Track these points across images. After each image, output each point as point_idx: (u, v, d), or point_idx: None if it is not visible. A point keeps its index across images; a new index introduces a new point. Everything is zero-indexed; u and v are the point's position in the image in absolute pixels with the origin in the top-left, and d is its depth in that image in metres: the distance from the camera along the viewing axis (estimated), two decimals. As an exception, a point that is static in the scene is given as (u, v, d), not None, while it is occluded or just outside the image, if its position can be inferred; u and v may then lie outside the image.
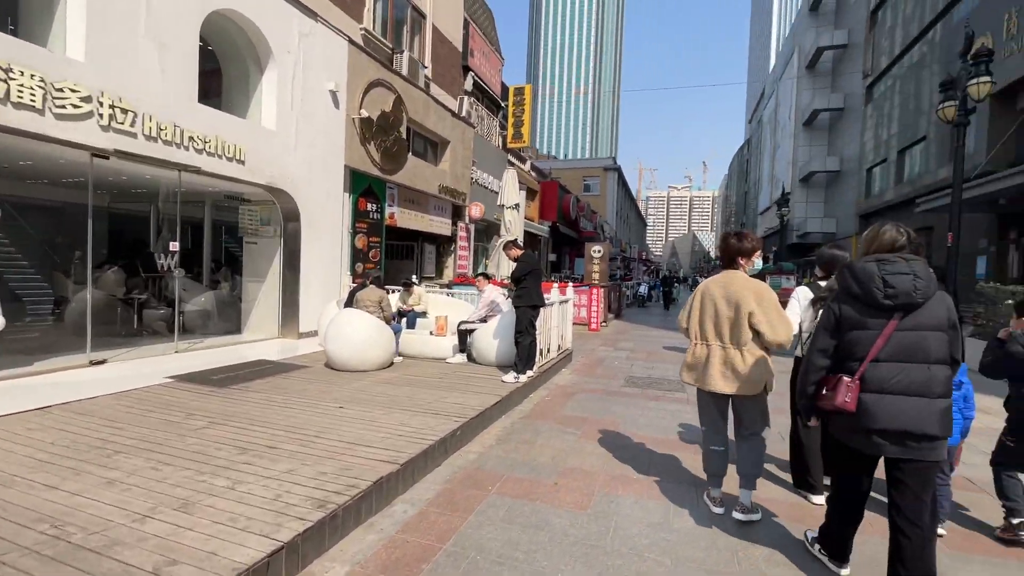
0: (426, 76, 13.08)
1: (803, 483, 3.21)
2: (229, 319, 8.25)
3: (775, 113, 49.06)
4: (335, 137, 8.72)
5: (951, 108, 9.21)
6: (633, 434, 4.39)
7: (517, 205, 7.26)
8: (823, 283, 3.12)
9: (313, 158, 8.18)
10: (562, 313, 7.54)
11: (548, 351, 6.81)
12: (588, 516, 2.86)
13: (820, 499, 3.09)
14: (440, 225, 12.86)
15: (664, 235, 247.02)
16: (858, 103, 32.26)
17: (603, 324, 13.25)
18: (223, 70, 7.77)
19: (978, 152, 18.93)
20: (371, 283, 6.33)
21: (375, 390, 4.95)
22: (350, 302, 6.41)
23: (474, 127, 14.42)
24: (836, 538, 2.34)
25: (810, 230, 36.99)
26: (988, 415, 4.78)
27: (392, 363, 6.23)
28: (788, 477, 3.42)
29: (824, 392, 2.15)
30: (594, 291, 12.73)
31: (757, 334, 2.75)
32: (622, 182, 51.06)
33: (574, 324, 12.72)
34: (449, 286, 12.87)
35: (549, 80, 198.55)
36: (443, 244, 13.84)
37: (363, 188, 9.62)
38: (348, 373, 5.64)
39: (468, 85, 15.45)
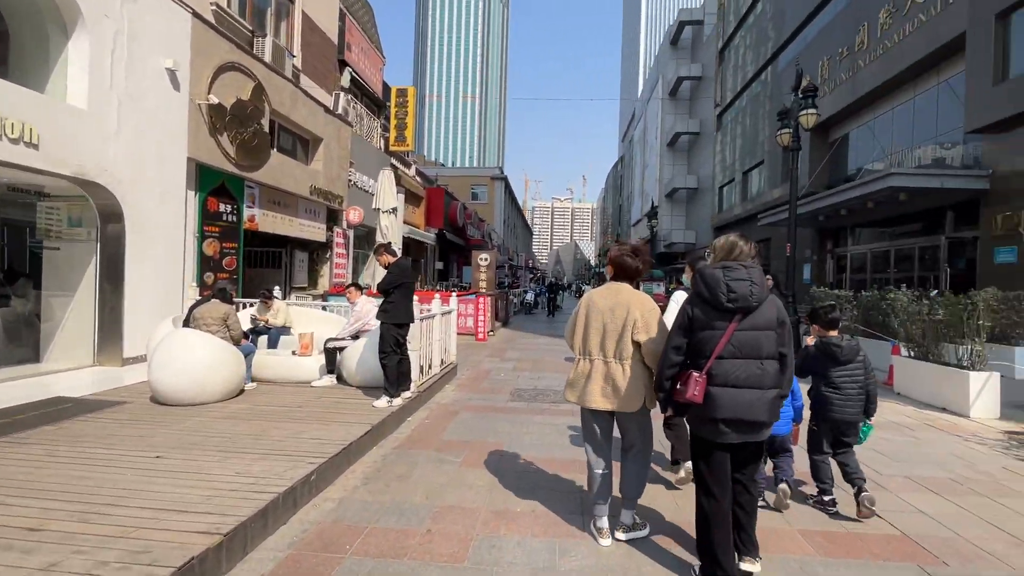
0: (295, 66, 11.88)
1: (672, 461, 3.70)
2: (23, 344, 6.51)
3: (644, 133, 53.77)
4: (175, 125, 7.38)
5: (787, 135, 10.52)
6: (518, 456, 4.09)
7: (394, 209, 6.68)
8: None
9: (143, 148, 6.80)
10: (445, 325, 7.10)
11: (430, 367, 6.33)
12: (465, 570, 2.45)
13: (680, 473, 3.51)
14: (313, 230, 11.69)
15: (549, 244, 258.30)
16: (711, 129, 36.47)
17: (490, 333, 13.04)
18: (10, 29, 6.14)
19: (803, 175, 22.29)
20: (214, 296, 5.32)
21: (213, 429, 4.07)
22: (189, 320, 5.33)
23: (351, 126, 13.43)
24: (712, 548, 2.31)
25: (675, 240, 40.84)
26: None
27: (242, 391, 5.28)
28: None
29: (678, 387, 2.33)
30: (481, 300, 12.48)
31: (637, 346, 2.65)
32: (509, 191, 52.12)
33: (461, 334, 12.36)
34: (324, 297, 11.76)
35: (436, 87, 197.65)
36: (317, 251, 12.63)
37: (214, 186, 8.31)
38: (181, 409, 4.62)
39: (345, 81, 14.40)
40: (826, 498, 3.22)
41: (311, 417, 4.47)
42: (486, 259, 15.40)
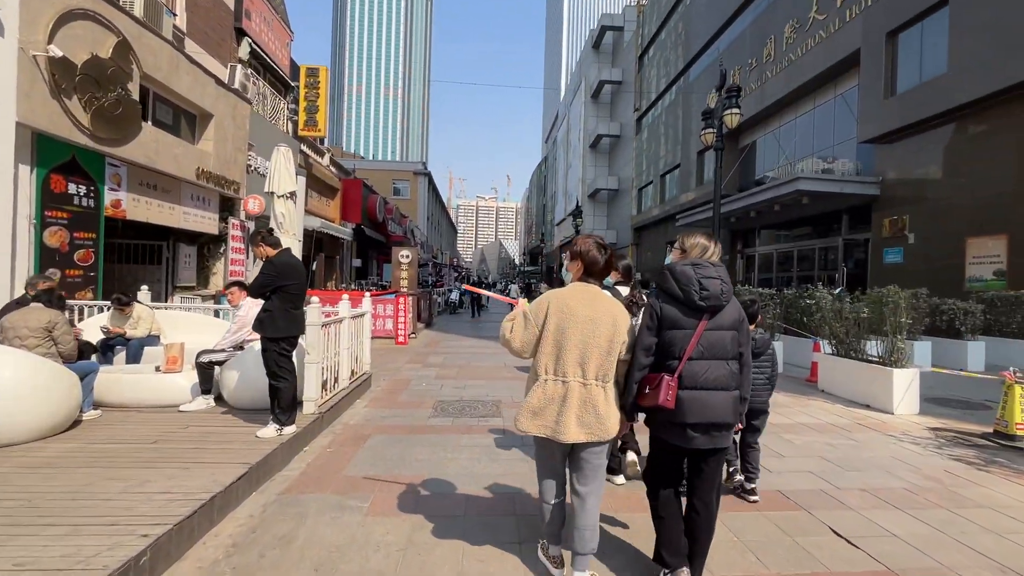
0: (176, 27, 10.19)
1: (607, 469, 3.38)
2: None
3: (567, 134, 54.67)
4: (-4, 78, 5.77)
5: (710, 134, 10.61)
6: (443, 494, 3.34)
7: (292, 194, 5.61)
8: (621, 288, 3.43)
9: (-55, 104, 5.20)
10: (355, 330, 6.15)
11: (336, 382, 5.37)
12: None
13: (620, 479, 3.55)
14: (201, 221, 10.09)
15: (474, 242, 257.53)
16: (631, 132, 37.66)
17: (412, 336, 12.09)
18: None
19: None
20: (33, 299, 4.02)
21: (9, 487, 2.91)
22: (-1, 330, 3.98)
23: (251, 103, 11.84)
24: (668, 544, 2.30)
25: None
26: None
27: (77, 422, 4.05)
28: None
29: (647, 391, 2.17)
30: (401, 300, 11.49)
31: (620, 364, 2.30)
32: (433, 187, 50.68)
33: (378, 337, 11.30)
34: (216, 298, 10.19)
35: (357, 79, 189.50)
36: (208, 245, 10.96)
37: (61, 161, 6.69)
38: (-28, 453, 3.36)
39: (243, 52, 12.73)
40: (730, 469, 3.47)
41: (167, 457, 3.41)
42: (407, 256, 14.37)
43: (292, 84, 15.94)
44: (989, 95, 10.58)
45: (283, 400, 3.91)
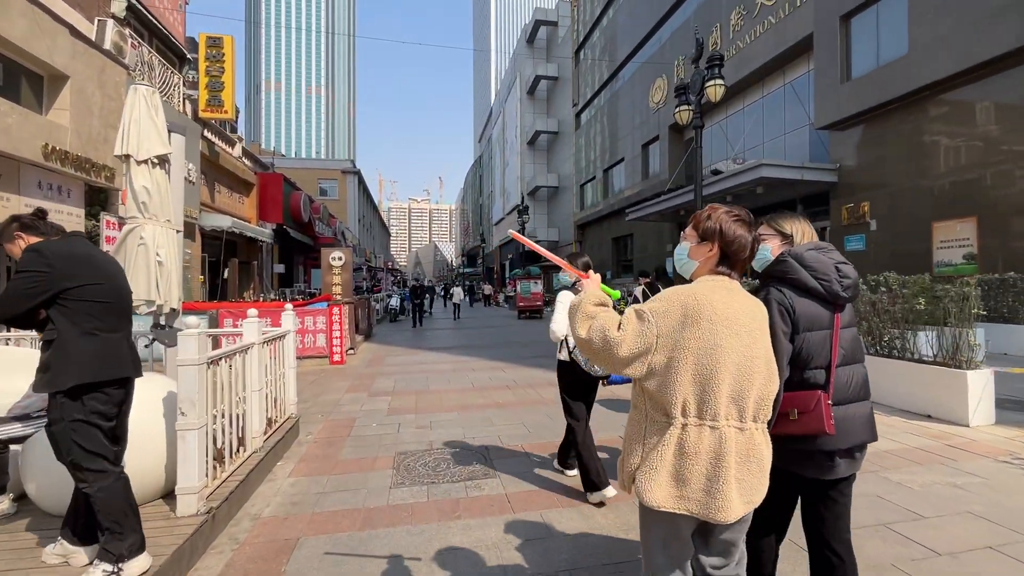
0: (8, -44, 7.61)
1: (588, 484, 3.17)
2: None
3: (503, 132, 53.45)
4: None
5: (685, 111, 9.56)
6: None
7: (164, 160, 3.65)
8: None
9: None
10: (274, 359, 4.28)
11: (241, 448, 3.52)
12: None
13: (611, 491, 3.15)
14: (55, 217, 7.59)
15: (408, 245, 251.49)
16: (570, 128, 37.01)
17: (350, 352, 10.09)
18: None
19: (663, 171, 23.00)
20: None
21: None
22: None
23: (127, 68, 9.34)
24: None
25: (539, 238, 40.83)
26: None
27: None
28: None
29: (793, 417, 1.65)
30: (336, 310, 9.46)
31: None
32: (363, 188, 47.63)
33: (309, 357, 9.24)
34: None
35: (275, 75, 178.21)
36: (71, 249, 8.38)
37: None
38: None
39: (118, 8, 10.13)
40: None
41: None
42: (340, 258, 12.29)
43: (189, 56, 13.30)
44: (954, 75, 10.33)
45: (109, 510, 2.08)
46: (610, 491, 3.16)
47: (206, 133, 13.78)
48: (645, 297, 7.82)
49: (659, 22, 23.21)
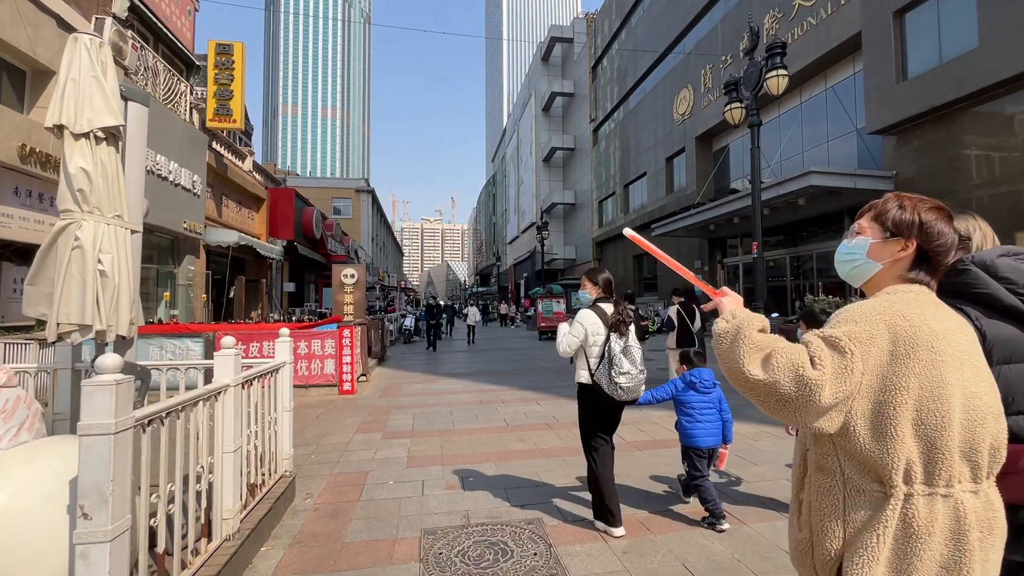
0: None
1: (604, 516, 3.05)
2: None
3: (518, 150, 52.99)
4: None
5: (737, 110, 8.54)
6: None
7: (114, 135, 2.72)
8: (604, 305, 3.10)
9: None
10: (265, 402, 3.23)
11: (207, 536, 2.45)
12: None
13: (620, 530, 3.00)
14: (38, 228, 6.76)
15: (420, 265, 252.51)
16: (587, 144, 36.28)
17: (361, 379, 9.04)
18: None
19: (688, 185, 21.94)
20: None
21: None
22: None
23: (127, 69, 8.62)
24: None
25: (555, 256, 39.83)
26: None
27: None
28: None
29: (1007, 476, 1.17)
30: (347, 332, 8.44)
31: None
32: (377, 207, 47.28)
33: (317, 385, 8.20)
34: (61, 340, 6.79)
35: (292, 99, 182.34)
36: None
37: None
38: None
39: (120, 8, 9.49)
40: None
41: None
42: (353, 276, 11.38)
43: (197, 64, 12.69)
44: (1037, 67, 9.22)
45: None
46: (619, 532, 3.00)
47: (214, 144, 13.09)
48: (680, 319, 7.07)
49: (683, 32, 22.45)
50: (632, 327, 3.02)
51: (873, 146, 13.35)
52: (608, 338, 2.95)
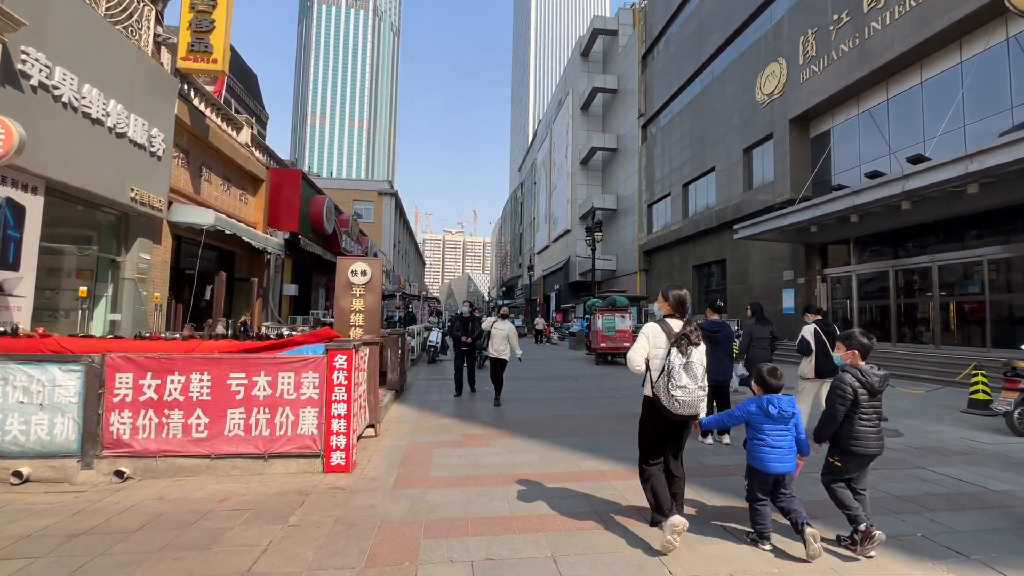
0: None
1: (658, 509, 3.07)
2: None
3: (551, 154, 49.59)
4: None
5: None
6: None
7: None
8: (673, 322, 3.13)
9: None
10: None
11: None
12: None
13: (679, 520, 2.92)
14: None
15: (440, 277, 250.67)
16: (631, 144, 32.61)
17: (367, 433, 5.46)
18: None
19: (778, 179, 18.06)
20: None
21: None
22: None
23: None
24: None
25: (595, 264, 35.99)
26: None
27: None
28: None
29: None
30: (341, 362, 4.79)
31: None
32: (400, 211, 44.29)
33: (286, 456, 4.58)
34: None
35: (320, 109, 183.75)
36: None
37: None
38: None
39: None
40: (861, 526, 2.83)
41: None
42: (365, 273, 8.02)
43: (170, -14, 9.51)
44: None
45: None
46: (678, 519, 2.90)
47: (189, 92, 9.88)
48: (818, 339, 5.96)
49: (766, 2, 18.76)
50: (700, 347, 3.06)
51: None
52: (669, 352, 2.98)
